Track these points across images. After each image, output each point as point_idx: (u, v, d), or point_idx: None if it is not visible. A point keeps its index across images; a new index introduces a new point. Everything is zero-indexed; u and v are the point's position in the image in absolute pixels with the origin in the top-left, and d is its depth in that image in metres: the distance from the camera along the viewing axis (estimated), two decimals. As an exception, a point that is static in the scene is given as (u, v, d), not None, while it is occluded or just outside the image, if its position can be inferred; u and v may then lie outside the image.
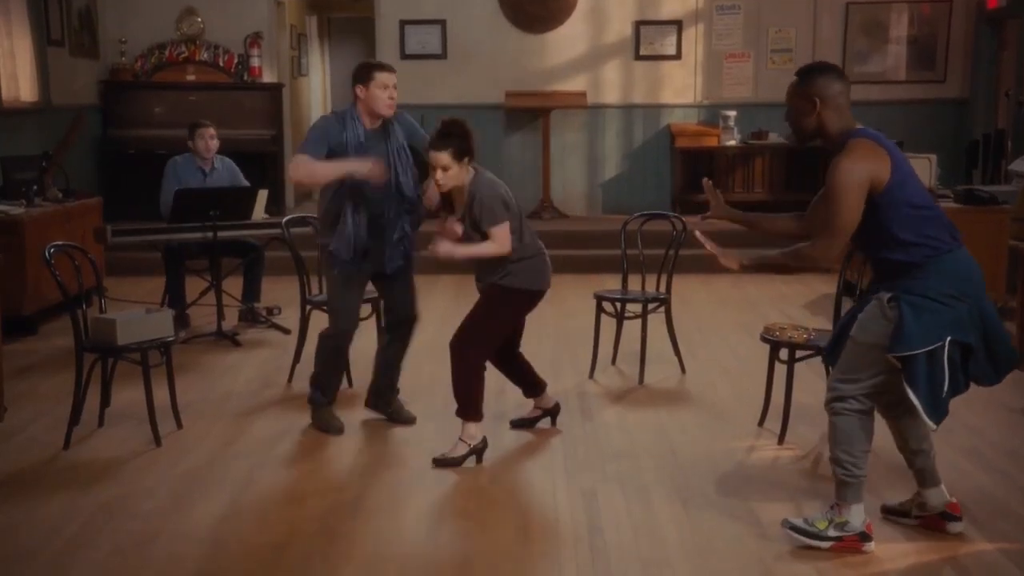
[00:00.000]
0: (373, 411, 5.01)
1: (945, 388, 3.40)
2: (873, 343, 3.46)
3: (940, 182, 7.42)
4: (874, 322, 3.48)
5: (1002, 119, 9.77)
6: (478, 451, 4.46)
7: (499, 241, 4.32)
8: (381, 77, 4.56)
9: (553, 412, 4.88)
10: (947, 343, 3.37)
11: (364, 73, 4.59)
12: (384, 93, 4.57)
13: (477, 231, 4.35)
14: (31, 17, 8.69)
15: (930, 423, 3.43)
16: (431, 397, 5.46)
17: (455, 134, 4.26)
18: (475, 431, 4.47)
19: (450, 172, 4.26)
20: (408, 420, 4.98)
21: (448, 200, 4.46)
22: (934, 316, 3.36)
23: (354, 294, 4.83)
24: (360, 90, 4.59)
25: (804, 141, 3.64)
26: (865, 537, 3.57)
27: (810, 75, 3.53)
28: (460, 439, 4.45)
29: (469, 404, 4.46)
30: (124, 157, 9.80)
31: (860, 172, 3.37)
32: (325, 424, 4.85)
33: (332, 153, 4.56)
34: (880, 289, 3.52)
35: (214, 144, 6.92)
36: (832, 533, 3.57)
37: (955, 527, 3.70)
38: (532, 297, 4.53)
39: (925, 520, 3.74)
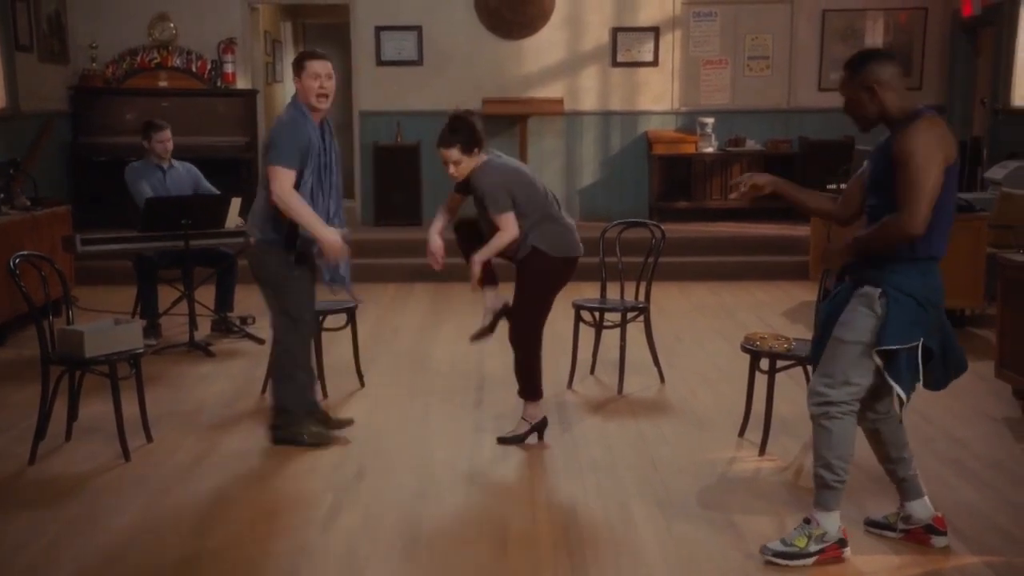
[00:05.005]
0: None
1: (916, 386, 3.46)
2: (862, 340, 3.42)
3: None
4: (861, 319, 3.43)
5: (978, 126, 9.80)
6: (539, 428, 4.71)
7: (505, 227, 4.48)
8: (311, 66, 4.49)
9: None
10: (920, 344, 3.40)
11: (297, 63, 4.55)
12: (314, 83, 4.49)
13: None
14: (-2, 22, 8.56)
15: (898, 413, 3.51)
16: (409, 408, 5.38)
17: (461, 129, 4.45)
18: (535, 411, 4.70)
19: (461, 165, 4.48)
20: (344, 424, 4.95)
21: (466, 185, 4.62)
22: (914, 316, 3.38)
23: (312, 286, 4.76)
24: (296, 81, 4.55)
25: (867, 128, 3.54)
26: (843, 543, 3.55)
27: (862, 64, 3.43)
28: (522, 418, 4.68)
29: (531, 385, 4.65)
30: (94, 164, 9.65)
31: (941, 146, 3.31)
32: (319, 438, 4.74)
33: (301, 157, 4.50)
34: (862, 282, 3.46)
35: (171, 146, 6.82)
36: (813, 548, 3.52)
37: (940, 541, 3.65)
38: (566, 264, 4.64)
39: (910, 534, 3.69)
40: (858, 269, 3.52)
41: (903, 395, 3.42)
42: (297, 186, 4.49)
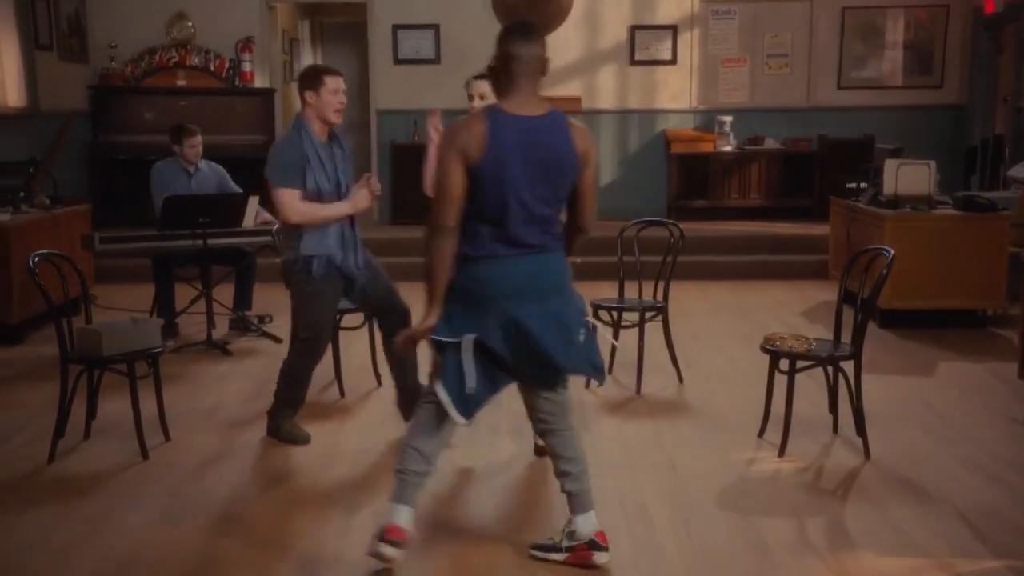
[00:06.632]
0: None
1: (472, 385, 3.29)
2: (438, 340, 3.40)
3: (939, 188, 7.35)
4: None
5: (1000, 124, 9.72)
6: None
7: None
8: (331, 82, 4.56)
9: None
10: (471, 340, 3.29)
11: (314, 78, 4.58)
12: (335, 98, 4.57)
13: None
14: (18, 21, 8.61)
15: (459, 418, 3.35)
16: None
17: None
18: None
19: (486, 100, 4.39)
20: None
21: None
22: (462, 310, 3.29)
23: (332, 306, 4.76)
24: (311, 96, 4.56)
25: None
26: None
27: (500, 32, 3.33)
28: None
29: None
30: (114, 163, 9.70)
31: (456, 143, 3.21)
32: (294, 437, 4.77)
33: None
34: None
35: (200, 150, 6.84)
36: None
37: (601, 557, 3.46)
38: None
39: (574, 552, 3.48)
40: None
41: (442, 395, 3.31)
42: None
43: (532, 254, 3.32)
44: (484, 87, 4.45)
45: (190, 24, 10.23)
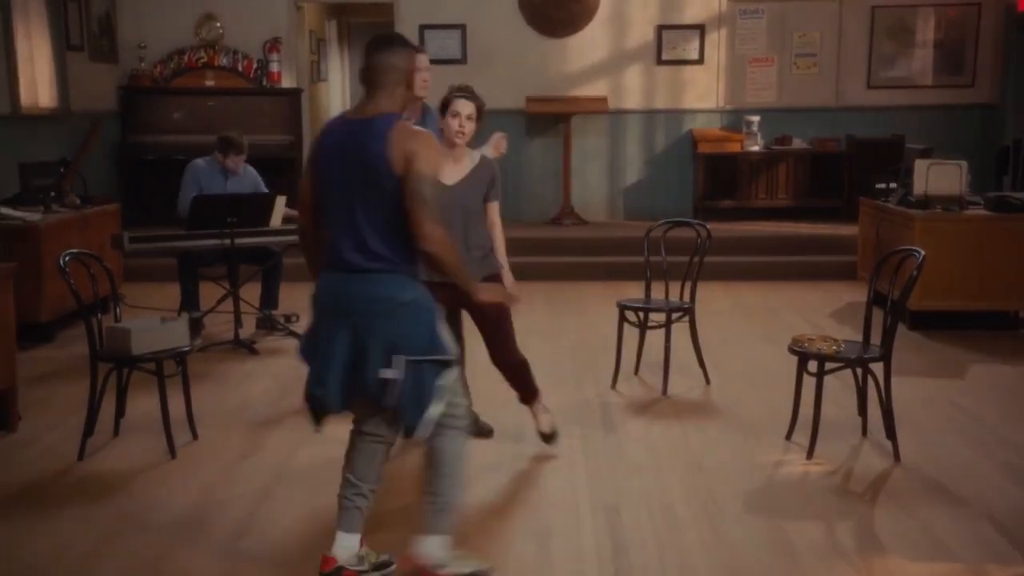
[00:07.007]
0: None
1: (306, 390, 3.38)
2: None
3: (970, 189, 7.26)
4: None
5: (1032, 124, 9.59)
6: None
7: (496, 219, 4.50)
8: (421, 59, 4.55)
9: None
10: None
11: None
12: (418, 76, 4.56)
13: (478, 197, 4.43)
14: (50, 22, 8.69)
15: (311, 424, 3.44)
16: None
17: (478, 99, 4.45)
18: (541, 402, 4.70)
19: (472, 124, 4.37)
20: (485, 432, 4.81)
21: None
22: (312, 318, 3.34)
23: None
24: None
25: None
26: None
27: None
28: (541, 410, 4.66)
29: (532, 387, 4.62)
30: (143, 163, 9.78)
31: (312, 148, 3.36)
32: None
33: None
34: None
35: (241, 165, 6.95)
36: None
37: None
38: None
39: None
40: None
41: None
42: None
43: (356, 271, 3.18)
44: (471, 108, 4.34)
45: (218, 25, 10.29)
